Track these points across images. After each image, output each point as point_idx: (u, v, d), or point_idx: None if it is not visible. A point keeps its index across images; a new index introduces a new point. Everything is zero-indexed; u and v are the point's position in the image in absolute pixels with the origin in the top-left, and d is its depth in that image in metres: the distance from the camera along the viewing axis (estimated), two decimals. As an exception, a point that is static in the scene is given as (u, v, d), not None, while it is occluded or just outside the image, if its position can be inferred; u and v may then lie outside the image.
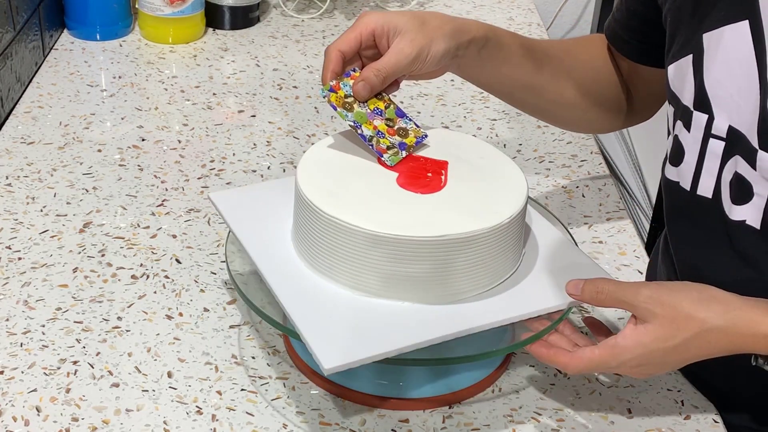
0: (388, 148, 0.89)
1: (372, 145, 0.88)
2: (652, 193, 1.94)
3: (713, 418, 0.88)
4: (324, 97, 0.89)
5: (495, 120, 1.36)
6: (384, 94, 0.91)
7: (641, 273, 1.07)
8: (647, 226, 1.85)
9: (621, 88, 1.06)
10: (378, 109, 0.90)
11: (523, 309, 0.83)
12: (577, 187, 1.21)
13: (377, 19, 0.89)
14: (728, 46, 0.84)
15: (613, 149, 2.11)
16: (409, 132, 0.91)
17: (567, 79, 1.03)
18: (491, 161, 0.91)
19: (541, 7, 2.15)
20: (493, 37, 0.95)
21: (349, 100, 0.89)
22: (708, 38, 0.85)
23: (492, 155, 0.92)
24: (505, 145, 1.30)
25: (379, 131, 0.89)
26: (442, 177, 0.87)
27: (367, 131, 0.88)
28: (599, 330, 0.87)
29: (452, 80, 1.45)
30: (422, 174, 0.88)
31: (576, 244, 0.94)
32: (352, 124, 0.88)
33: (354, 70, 0.91)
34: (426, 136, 0.91)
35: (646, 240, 1.75)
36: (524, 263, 0.88)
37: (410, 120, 0.92)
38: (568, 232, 0.95)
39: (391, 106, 0.91)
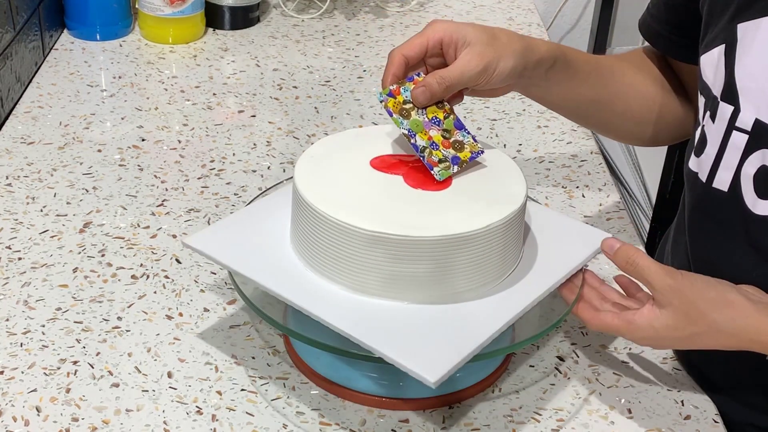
0: (440, 161, 0.86)
1: (423, 157, 0.86)
2: (652, 193, 1.94)
3: (713, 418, 0.88)
4: (381, 102, 0.87)
5: (495, 120, 1.36)
6: (445, 103, 0.89)
7: (641, 273, 1.06)
8: (647, 226, 1.85)
9: (684, 97, 1.05)
10: (436, 118, 0.88)
11: (521, 305, 0.83)
12: (577, 187, 1.21)
13: (447, 27, 0.88)
14: (765, 38, 0.83)
15: (613, 149, 2.11)
16: (465, 146, 0.88)
17: (633, 92, 1.02)
18: (490, 160, 0.91)
19: (541, 7, 2.15)
20: (561, 56, 0.94)
21: (407, 106, 0.87)
22: (743, 29, 0.85)
23: (490, 154, 0.92)
24: (505, 145, 1.30)
25: (433, 142, 0.86)
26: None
27: (420, 141, 0.86)
28: (629, 288, 0.88)
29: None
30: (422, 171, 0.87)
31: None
32: (406, 132, 0.86)
33: (418, 75, 0.89)
34: (482, 152, 0.89)
35: (646, 240, 1.75)
36: (524, 262, 0.88)
37: (468, 133, 0.89)
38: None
39: (451, 116, 0.89)
